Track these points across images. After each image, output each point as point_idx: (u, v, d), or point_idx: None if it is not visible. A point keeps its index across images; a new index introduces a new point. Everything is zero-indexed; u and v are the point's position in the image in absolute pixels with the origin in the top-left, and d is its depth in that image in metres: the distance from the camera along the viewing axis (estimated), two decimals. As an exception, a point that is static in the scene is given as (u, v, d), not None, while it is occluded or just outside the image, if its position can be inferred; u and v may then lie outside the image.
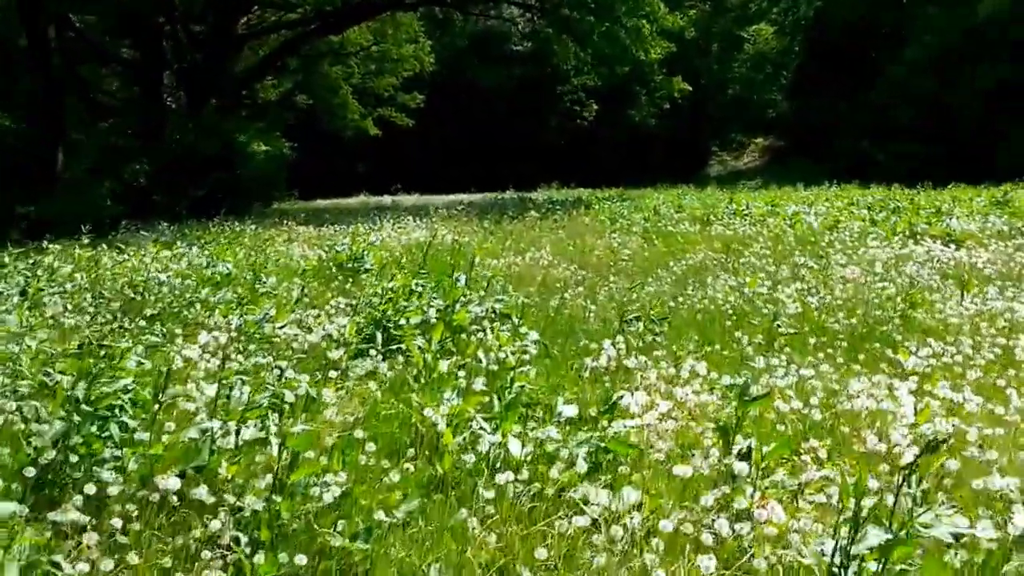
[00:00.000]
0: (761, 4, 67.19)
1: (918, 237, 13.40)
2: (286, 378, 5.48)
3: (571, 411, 5.16)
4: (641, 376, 5.70)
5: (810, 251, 12.62)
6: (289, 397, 5.07)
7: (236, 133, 32.67)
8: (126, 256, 13.54)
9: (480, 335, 7.01)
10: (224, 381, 4.96)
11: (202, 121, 30.47)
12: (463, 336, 7.09)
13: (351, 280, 11.09)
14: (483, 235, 17.06)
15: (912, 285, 8.80)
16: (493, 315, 8.13)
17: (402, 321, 7.61)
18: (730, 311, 8.29)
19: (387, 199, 39.89)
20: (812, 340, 6.99)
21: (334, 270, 12.34)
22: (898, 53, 47.09)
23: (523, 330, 7.28)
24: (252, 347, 6.89)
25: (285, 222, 22.69)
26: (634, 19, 28.58)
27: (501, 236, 16.73)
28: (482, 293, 8.63)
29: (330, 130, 49.16)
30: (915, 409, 4.58)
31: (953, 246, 11.76)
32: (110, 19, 32.02)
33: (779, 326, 7.23)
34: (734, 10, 68.05)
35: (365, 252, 12.90)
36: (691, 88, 40.11)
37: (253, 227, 20.54)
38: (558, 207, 25.06)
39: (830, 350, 6.56)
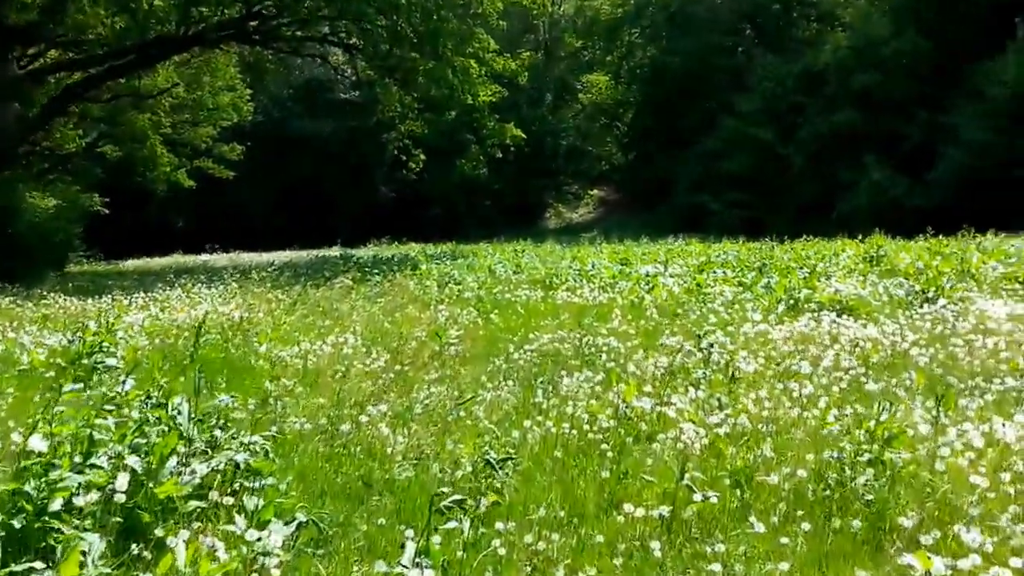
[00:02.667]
0: (595, 52, 67.02)
1: (802, 306, 11.17)
2: None
3: None
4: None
5: (680, 328, 10.08)
6: None
7: (14, 185, 27.91)
8: None
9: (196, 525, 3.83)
10: None
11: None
12: (160, 532, 3.90)
13: (86, 384, 7.60)
14: (285, 308, 13.68)
15: (852, 393, 6.29)
16: (235, 470, 4.89)
17: (57, 503, 4.29)
18: (606, 446, 5.47)
19: (201, 258, 35.64)
20: (746, 510, 4.20)
21: (67, 368, 8.81)
22: (736, 101, 47.20)
23: (278, 503, 4.19)
24: None
25: (54, 291, 18.43)
26: (461, 58, 26.09)
27: (306, 309, 13.42)
28: (232, 429, 5.38)
29: (141, 184, 44.49)
30: None
31: (851, 319, 9.49)
32: None
33: (688, 484, 4.40)
34: (567, 58, 67.61)
35: (105, 344, 9.34)
36: (524, 136, 38.23)
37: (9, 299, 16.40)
38: (382, 267, 21.95)
39: (783, 538, 3.79)
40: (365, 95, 50.41)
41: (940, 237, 22.84)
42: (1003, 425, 4.72)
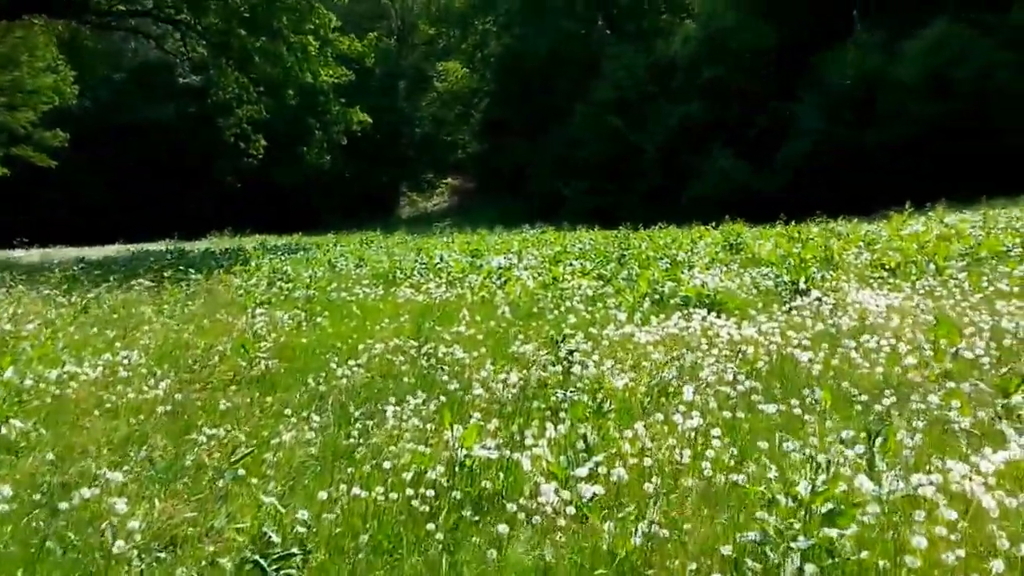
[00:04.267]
0: (450, 39, 65.46)
1: (668, 301, 10.07)
2: None
3: None
4: None
5: (536, 331, 8.75)
6: None
7: None
8: None
9: None
10: None
11: None
12: None
13: None
14: (70, 316, 11.50)
15: (746, 418, 5.05)
16: None
17: None
18: (433, 526, 3.99)
19: (3, 253, 31.86)
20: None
21: None
22: (589, 90, 46.81)
23: None
24: None
25: None
26: (300, 36, 23.96)
27: (93, 318, 11.30)
28: None
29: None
30: None
31: (723, 316, 8.42)
32: None
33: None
34: (422, 45, 65.72)
35: None
36: (371, 120, 36.30)
37: None
38: (209, 264, 19.74)
39: None
40: (207, 79, 47.06)
41: (792, 223, 22.67)
42: (970, 480, 3.58)
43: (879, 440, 3.83)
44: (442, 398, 6.01)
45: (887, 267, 12.11)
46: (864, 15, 42.75)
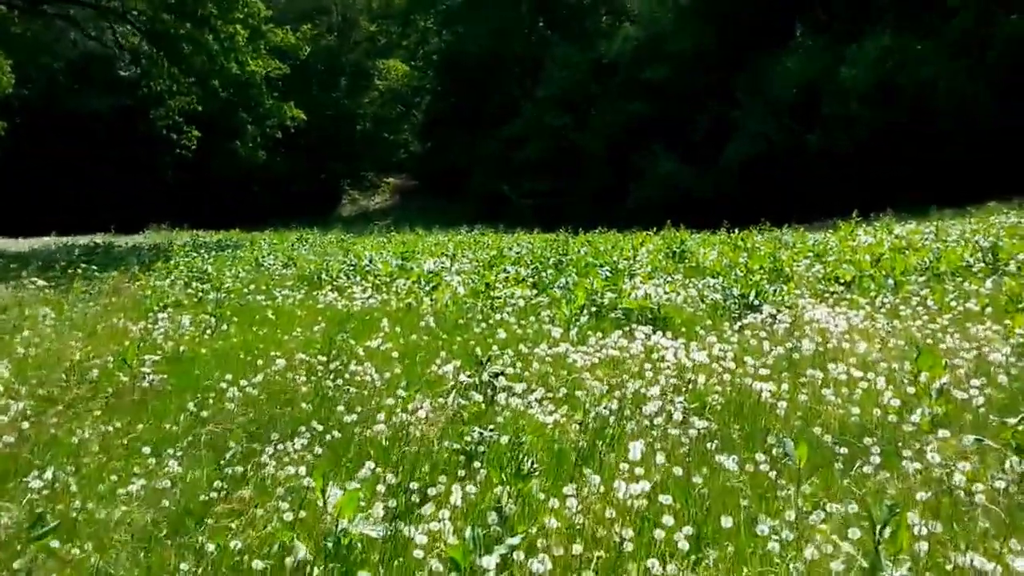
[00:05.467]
0: (391, 36, 64.14)
1: (608, 314, 9.15)
2: None
3: None
4: None
5: (461, 345, 7.77)
6: None
7: None
8: None
9: None
10: None
11: None
12: None
13: None
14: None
15: (697, 473, 4.10)
16: None
17: None
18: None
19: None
20: None
21: None
22: (532, 89, 46.06)
23: None
24: None
25: None
26: (229, 25, 22.59)
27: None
28: None
29: None
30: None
31: (668, 334, 7.51)
32: None
33: None
34: (363, 42, 64.19)
35: None
36: (304, 117, 34.91)
37: None
38: (125, 260, 18.36)
39: None
40: (142, 70, 45.14)
41: (736, 231, 22.02)
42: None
43: (887, 531, 2.91)
44: (336, 433, 4.99)
45: (841, 280, 11.38)
46: (805, 20, 42.63)
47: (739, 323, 8.36)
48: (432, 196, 53.87)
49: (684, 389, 5.73)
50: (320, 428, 5.23)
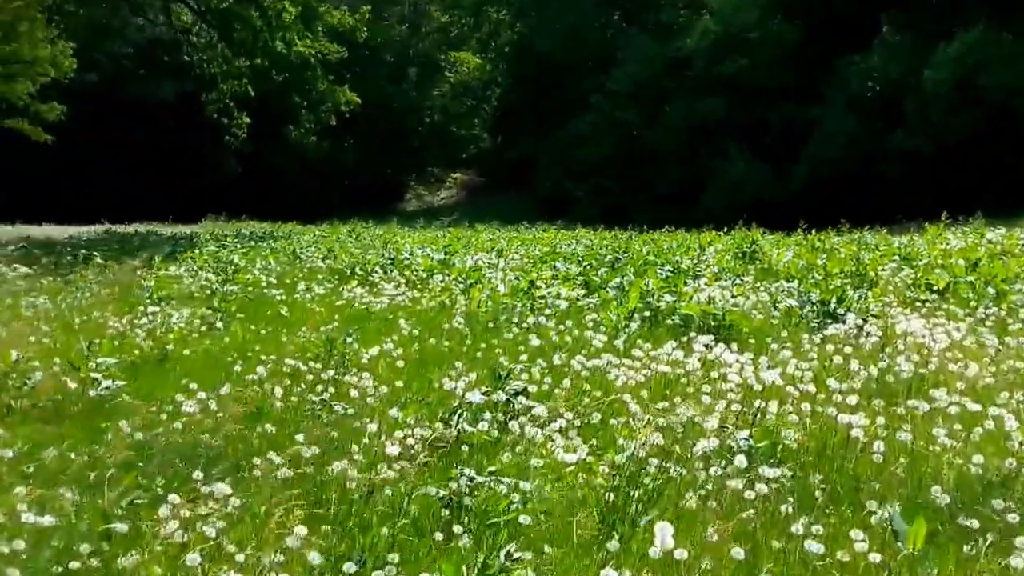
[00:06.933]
0: (462, 28, 63.16)
1: (663, 320, 7.92)
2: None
3: None
4: None
5: (486, 353, 6.63)
6: None
7: None
8: None
9: None
10: None
11: None
12: None
13: None
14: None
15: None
16: None
17: None
18: None
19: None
20: None
21: None
22: (604, 83, 44.56)
23: None
24: None
25: None
26: (277, 2, 21.91)
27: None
28: None
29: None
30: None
31: (733, 347, 6.26)
32: None
33: None
34: (434, 33, 63.42)
35: None
36: (359, 100, 34.07)
37: None
38: (155, 247, 17.75)
39: None
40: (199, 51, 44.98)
41: (813, 232, 20.43)
42: None
43: None
44: (285, 471, 3.90)
45: (934, 287, 9.95)
46: (892, 17, 40.41)
47: (819, 335, 7.05)
48: (499, 193, 52.83)
49: (751, 420, 4.49)
50: (280, 460, 4.14)
